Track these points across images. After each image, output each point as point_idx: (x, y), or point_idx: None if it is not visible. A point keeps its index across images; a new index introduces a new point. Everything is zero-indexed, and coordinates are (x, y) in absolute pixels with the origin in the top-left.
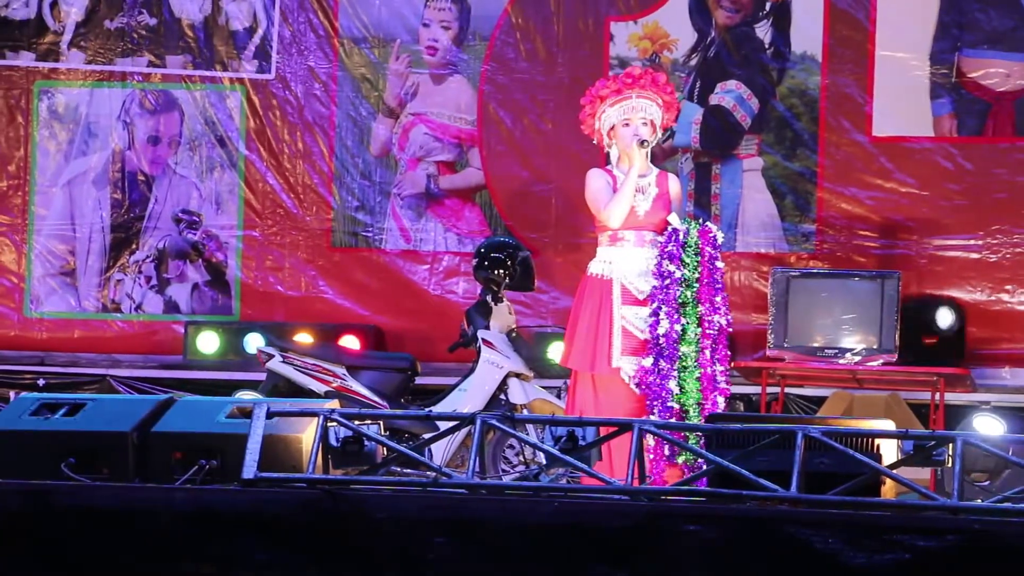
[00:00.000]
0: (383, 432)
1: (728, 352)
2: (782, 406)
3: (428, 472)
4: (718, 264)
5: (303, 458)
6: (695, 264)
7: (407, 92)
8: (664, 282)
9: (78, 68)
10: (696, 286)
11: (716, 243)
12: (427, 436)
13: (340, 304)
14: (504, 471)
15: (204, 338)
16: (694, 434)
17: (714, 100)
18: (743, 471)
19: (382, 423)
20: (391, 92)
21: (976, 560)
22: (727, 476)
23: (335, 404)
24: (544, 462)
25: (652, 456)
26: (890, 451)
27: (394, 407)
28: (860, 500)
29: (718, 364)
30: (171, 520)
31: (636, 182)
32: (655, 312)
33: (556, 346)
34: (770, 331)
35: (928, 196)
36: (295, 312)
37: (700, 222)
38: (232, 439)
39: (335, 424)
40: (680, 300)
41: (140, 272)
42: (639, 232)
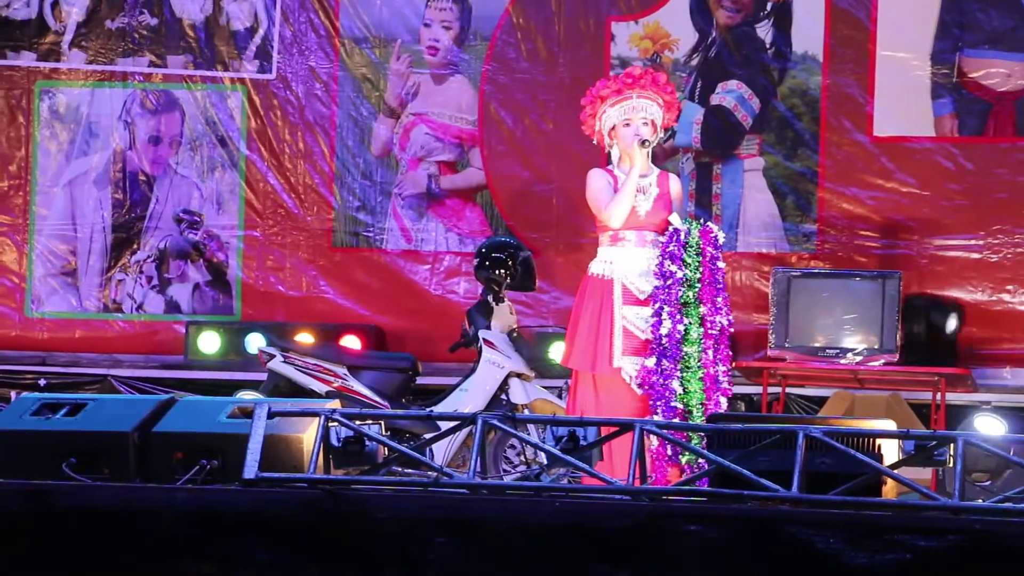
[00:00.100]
0: (384, 432)
1: (730, 352)
2: (783, 406)
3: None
4: (719, 264)
5: (304, 458)
6: (696, 264)
7: (408, 92)
8: (666, 282)
9: (79, 68)
10: (698, 286)
11: (717, 243)
12: (428, 436)
13: (341, 304)
14: (505, 471)
15: (205, 338)
16: (697, 434)
17: (715, 100)
18: (744, 471)
19: (383, 423)
20: (392, 92)
21: (977, 560)
22: (728, 476)
23: (336, 404)
24: (545, 462)
25: (654, 456)
26: (891, 451)
27: (395, 407)
28: (861, 500)
29: (720, 364)
30: (172, 520)
31: (637, 182)
32: (657, 312)
33: (557, 346)
34: (771, 331)
35: (929, 196)
36: (296, 312)
37: (701, 222)
38: (233, 439)
39: (336, 424)
40: (682, 300)
41: (141, 272)
42: (640, 232)
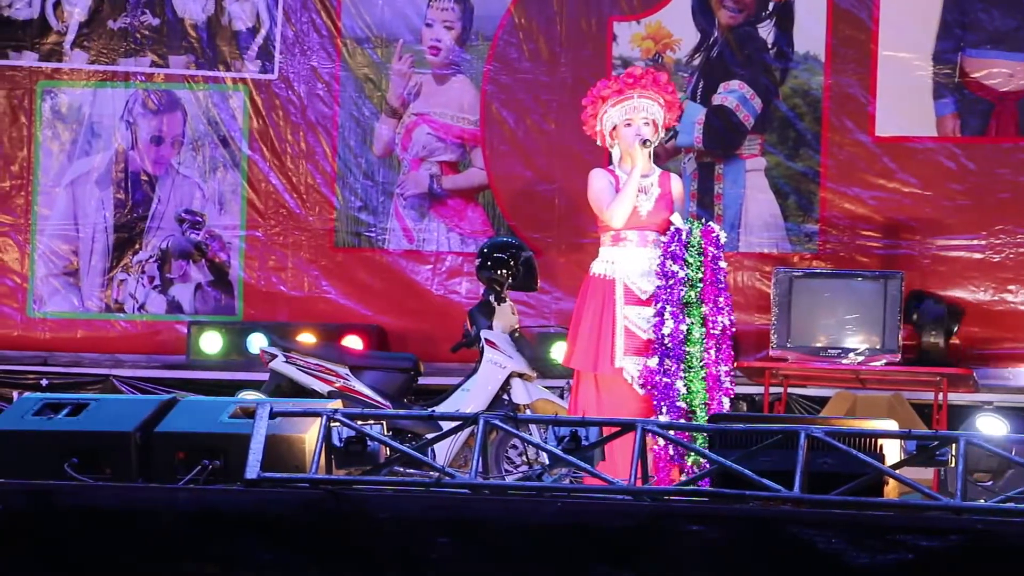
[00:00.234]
0: (386, 432)
1: (732, 352)
2: (785, 406)
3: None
4: (721, 264)
5: (306, 458)
6: (698, 264)
7: (410, 92)
8: (668, 282)
9: (81, 68)
10: (699, 286)
11: (719, 243)
12: (430, 436)
13: (343, 304)
14: (507, 471)
15: (207, 338)
16: (701, 435)
17: (717, 100)
18: (746, 471)
19: (385, 423)
20: (394, 92)
21: (979, 560)
22: (730, 476)
23: (338, 404)
24: (547, 462)
25: (655, 456)
26: (893, 451)
27: (397, 407)
28: (863, 500)
29: (722, 364)
30: (173, 520)
31: (639, 182)
32: (659, 312)
33: (559, 346)
34: (773, 331)
35: (931, 196)
36: (298, 312)
37: (703, 222)
38: (235, 439)
39: (338, 424)
40: (684, 300)
41: (143, 272)
42: (642, 232)
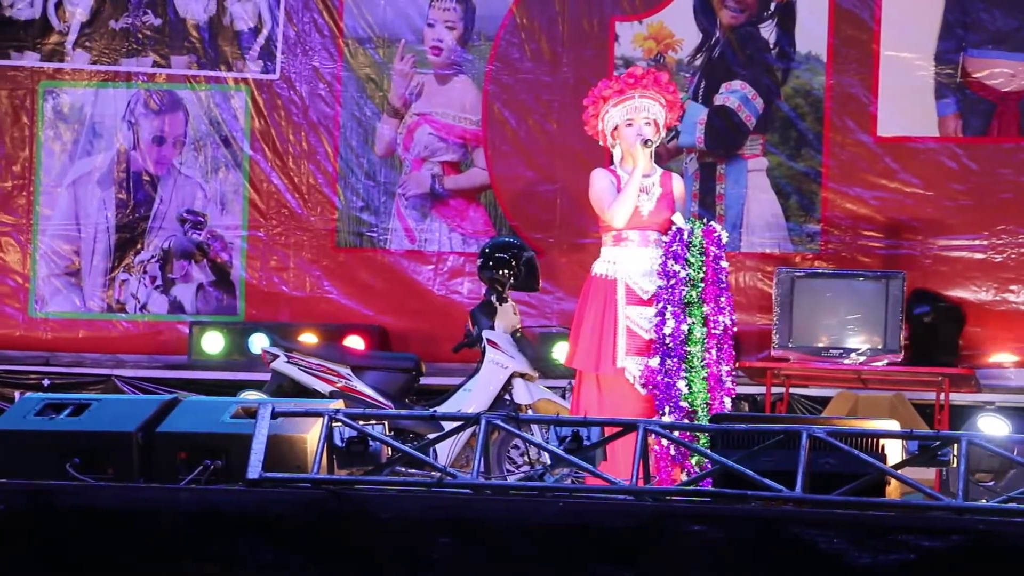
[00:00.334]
0: (388, 432)
1: (733, 352)
2: (787, 406)
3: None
4: (722, 264)
5: (308, 458)
6: (700, 264)
7: (412, 92)
8: (669, 282)
9: (83, 68)
10: (701, 286)
11: (720, 243)
12: (432, 436)
13: (345, 304)
14: (509, 471)
15: (209, 338)
16: (704, 435)
17: (719, 100)
18: (748, 471)
19: (387, 423)
20: (396, 92)
21: (981, 560)
22: (732, 476)
23: (340, 404)
24: (549, 462)
25: (657, 456)
26: (895, 451)
27: (399, 407)
28: (865, 500)
29: (724, 364)
30: (173, 520)
31: (640, 182)
32: (661, 312)
33: (561, 346)
34: (775, 331)
35: (933, 196)
36: (300, 312)
37: (704, 222)
38: (237, 439)
39: (340, 424)
40: (685, 300)
41: (145, 272)
42: (643, 232)
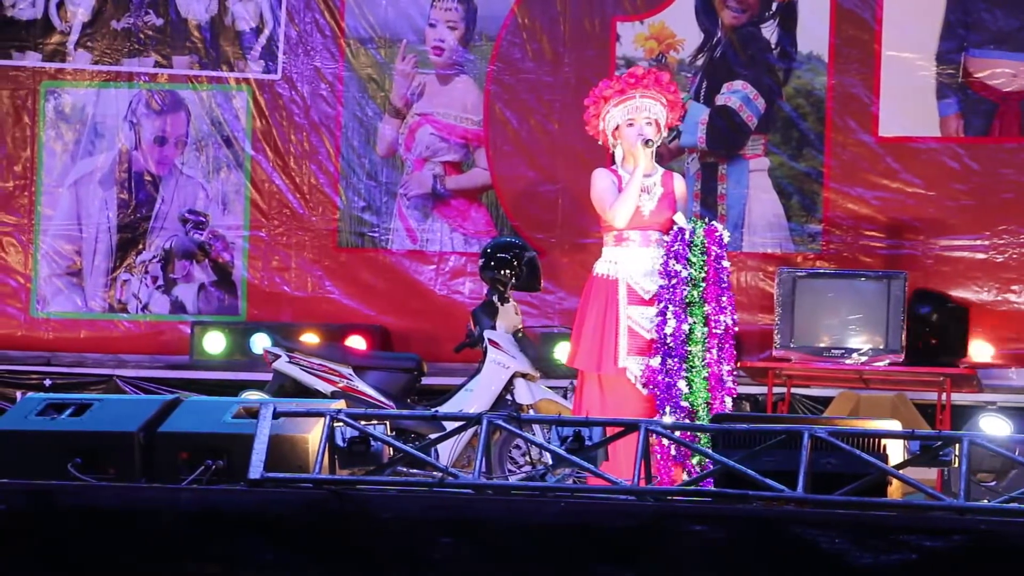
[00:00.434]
0: (389, 432)
1: (734, 352)
2: (788, 406)
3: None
4: (724, 264)
5: (309, 458)
6: (701, 263)
7: (413, 92)
8: (671, 282)
9: (84, 68)
10: (702, 285)
11: (722, 242)
12: (433, 436)
13: (346, 304)
14: (510, 471)
15: (210, 338)
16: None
17: (720, 100)
18: (749, 471)
19: (388, 423)
20: (397, 92)
21: (982, 560)
22: (733, 476)
23: (341, 404)
24: (550, 462)
25: (659, 456)
26: (897, 451)
27: (400, 407)
28: (866, 500)
29: (725, 364)
30: (174, 520)
31: (641, 182)
32: (662, 312)
33: (562, 346)
34: (776, 331)
35: (934, 196)
36: (301, 312)
37: (706, 221)
38: (238, 439)
39: (341, 424)
40: (686, 300)
41: (146, 272)
42: (645, 232)
